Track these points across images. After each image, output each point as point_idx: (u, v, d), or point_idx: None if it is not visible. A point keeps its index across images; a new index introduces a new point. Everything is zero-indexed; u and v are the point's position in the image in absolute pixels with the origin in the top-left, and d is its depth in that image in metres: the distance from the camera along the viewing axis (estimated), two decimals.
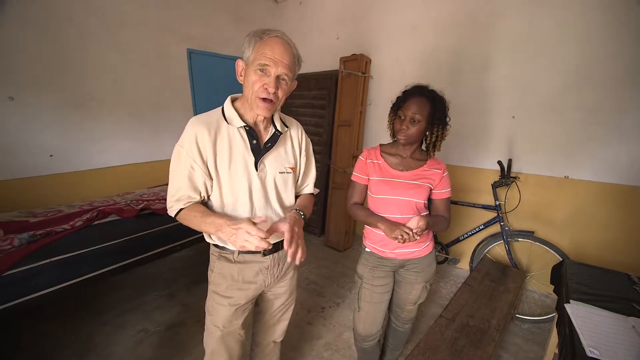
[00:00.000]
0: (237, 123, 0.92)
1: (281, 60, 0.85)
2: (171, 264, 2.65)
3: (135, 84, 2.69)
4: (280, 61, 0.85)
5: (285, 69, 0.86)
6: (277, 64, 0.85)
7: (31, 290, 1.37)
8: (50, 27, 2.17)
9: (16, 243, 1.44)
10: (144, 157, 2.84)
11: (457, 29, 2.52)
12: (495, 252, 2.37)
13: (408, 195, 1.22)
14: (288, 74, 0.88)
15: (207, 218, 0.87)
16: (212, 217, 0.87)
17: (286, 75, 0.88)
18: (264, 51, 0.84)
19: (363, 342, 1.43)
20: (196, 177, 0.90)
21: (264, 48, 0.84)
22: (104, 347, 1.75)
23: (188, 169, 0.88)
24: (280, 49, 0.85)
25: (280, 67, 0.85)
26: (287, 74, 0.88)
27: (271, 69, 0.85)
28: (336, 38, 3.33)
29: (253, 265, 1.03)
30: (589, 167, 2.09)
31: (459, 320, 1.42)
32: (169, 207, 0.94)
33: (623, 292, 1.24)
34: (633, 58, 1.86)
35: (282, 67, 0.86)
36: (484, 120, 2.48)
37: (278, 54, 0.85)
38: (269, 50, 0.84)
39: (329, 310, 2.17)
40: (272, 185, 0.99)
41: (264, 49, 0.84)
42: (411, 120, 1.17)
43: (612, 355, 0.88)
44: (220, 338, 1.02)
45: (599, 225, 2.10)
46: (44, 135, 2.24)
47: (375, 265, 1.32)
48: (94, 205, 2.05)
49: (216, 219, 0.86)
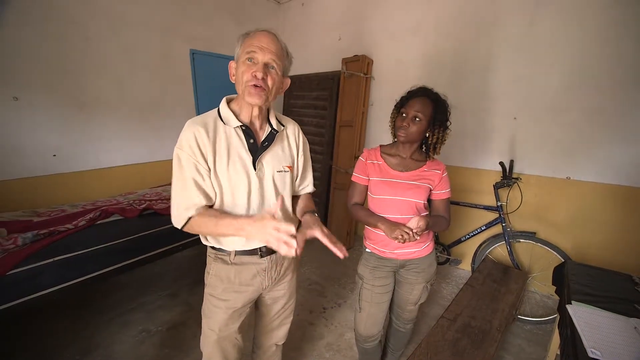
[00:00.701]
0: (233, 123, 0.92)
1: (267, 47, 0.86)
2: (173, 264, 2.66)
3: (138, 84, 2.71)
4: (267, 48, 0.86)
5: (272, 55, 0.87)
6: (264, 51, 0.86)
7: (34, 290, 1.38)
8: (54, 28, 2.19)
9: (20, 242, 1.46)
10: (146, 157, 2.86)
11: (459, 30, 2.52)
12: (497, 253, 2.37)
13: (408, 196, 1.22)
14: (276, 61, 0.88)
15: (223, 220, 0.85)
16: (228, 219, 0.85)
17: (275, 63, 0.88)
18: (250, 42, 0.86)
19: (364, 342, 1.44)
20: (204, 180, 0.88)
21: (250, 40, 0.87)
22: (106, 346, 1.75)
23: (193, 173, 0.87)
24: (267, 39, 0.87)
25: (267, 54, 0.86)
26: (275, 61, 0.88)
27: (258, 55, 0.86)
28: (338, 39, 3.34)
29: (250, 267, 1.01)
30: (591, 168, 2.09)
31: (460, 321, 1.42)
32: (176, 217, 0.89)
33: (625, 293, 1.23)
34: (634, 58, 1.86)
35: (269, 54, 0.86)
36: (486, 121, 2.47)
37: (264, 42, 0.86)
38: (256, 40, 0.86)
39: (331, 310, 2.17)
40: (270, 184, 0.99)
41: (250, 40, 0.87)
42: (413, 119, 1.18)
43: (614, 356, 0.88)
44: (216, 342, 1.02)
45: (600, 226, 2.10)
46: (48, 135, 2.26)
47: (376, 265, 1.33)
48: (96, 205, 2.07)
49: (233, 219, 0.84)
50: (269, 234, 0.75)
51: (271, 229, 0.74)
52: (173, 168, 0.90)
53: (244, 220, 0.82)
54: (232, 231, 0.84)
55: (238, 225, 0.82)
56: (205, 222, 0.87)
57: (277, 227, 0.74)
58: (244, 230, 0.81)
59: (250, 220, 0.81)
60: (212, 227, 0.87)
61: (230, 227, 0.83)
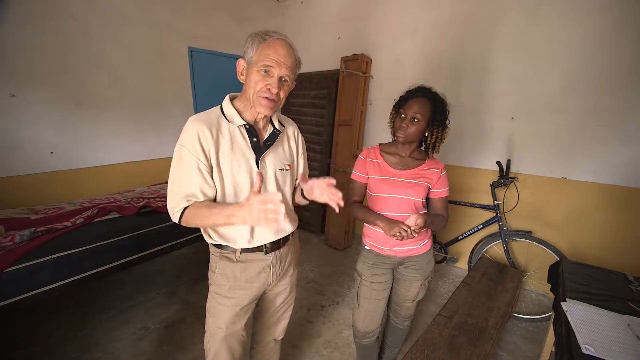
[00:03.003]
0: (237, 121, 0.93)
1: (284, 62, 0.87)
2: (172, 262, 2.66)
3: (136, 81, 2.69)
4: (284, 63, 0.87)
5: (287, 71, 0.89)
6: (281, 66, 0.87)
7: (32, 287, 1.38)
8: (52, 24, 2.17)
9: (17, 240, 1.45)
10: (144, 155, 2.85)
11: (457, 29, 2.53)
12: (494, 251, 2.39)
13: (406, 194, 1.23)
14: (290, 75, 0.90)
15: (214, 209, 0.85)
16: (218, 208, 0.85)
17: (288, 77, 0.90)
18: (267, 52, 0.86)
19: (362, 338, 1.45)
20: (203, 177, 0.89)
21: (267, 50, 0.86)
22: (106, 343, 1.76)
23: (193, 169, 0.87)
24: (284, 52, 0.87)
25: (283, 69, 0.88)
26: (289, 76, 0.90)
27: (274, 70, 0.87)
28: (337, 38, 3.34)
29: (255, 264, 1.03)
30: (587, 168, 2.11)
31: (457, 319, 1.43)
32: (172, 208, 0.90)
33: (619, 291, 1.25)
34: (633, 59, 1.88)
35: (285, 69, 0.88)
36: (484, 121, 2.49)
37: (282, 56, 0.87)
38: (273, 52, 0.86)
39: (329, 308, 2.19)
40: (272, 181, 1.01)
41: (267, 50, 0.86)
42: (411, 119, 1.19)
43: (607, 352, 0.90)
44: (223, 339, 1.03)
45: (596, 225, 2.12)
46: (45, 132, 2.24)
47: (375, 262, 1.34)
48: (94, 202, 2.06)
49: (223, 208, 0.83)
50: (257, 211, 0.73)
51: (257, 203, 0.73)
52: (172, 162, 0.90)
53: (234, 206, 0.81)
54: (224, 219, 0.82)
55: (229, 212, 0.81)
56: (198, 214, 0.87)
57: (263, 200, 0.73)
58: (234, 216, 0.79)
59: (238, 205, 0.80)
60: (206, 219, 0.86)
61: (221, 215, 0.82)
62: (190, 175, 0.88)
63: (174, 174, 0.90)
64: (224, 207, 0.84)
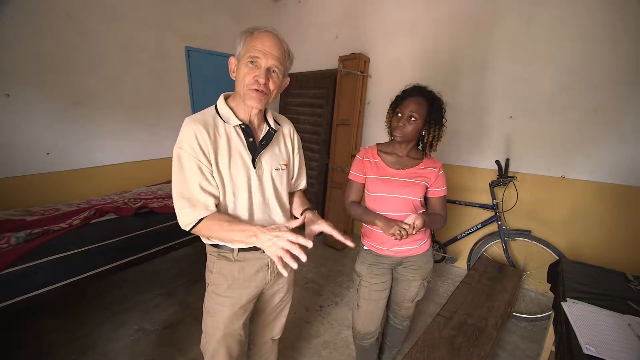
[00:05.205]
0: (233, 121, 0.92)
1: (271, 52, 0.86)
2: (169, 263, 2.64)
3: (133, 81, 2.68)
4: (270, 53, 0.86)
5: (275, 61, 0.87)
6: (267, 56, 0.86)
7: (29, 289, 1.37)
8: (48, 23, 2.15)
9: (13, 241, 1.44)
10: (141, 156, 2.83)
11: (455, 28, 2.52)
12: (493, 251, 2.38)
13: (404, 193, 1.23)
14: (278, 66, 0.89)
15: (236, 225, 0.85)
16: (241, 225, 0.86)
17: (276, 68, 0.89)
18: (254, 44, 0.86)
19: (362, 339, 1.44)
20: (207, 179, 0.88)
21: (254, 42, 0.86)
22: (103, 345, 1.74)
23: (195, 172, 0.86)
24: (270, 42, 0.87)
25: (270, 59, 0.87)
26: (277, 66, 0.89)
27: (261, 60, 0.86)
28: (335, 37, 3.33)
29: (253, 263, 1.03)
30: (586, 167, 2.10)
31: (456, 319, 1.42)
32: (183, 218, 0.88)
33: (619, 290, 1.25)
34: (631, 58, 1.87)
35: (272, 59, 0.87)
36: (482, 120, 2.49)
37: (268, 47, 0.86)
38: (259, 43, 0.86)
39: (328, 308, 2.18)
40: (269, 181, 1.00)
41: (254, 42, 0.86)
42: (408, 119, 1.19)
43: (608, 352, 0.89)
44: (222, 339, 1.02)
45: (595, 224, 2.12)
46: (41, 132, 2.22)
47: (373, 262, 1.33)
48: (91, 203, 2.05)
49: (245, 226, 0.85)
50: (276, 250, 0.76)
51: (283, 243, 0.76)
52: (173, 167, 0.89)
53: (257, 228, 0.82)
54: (244, 237, 0.83)
55: (251, 232, 0.82)
56: (215, 226, 0.87)
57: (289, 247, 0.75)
58: (256, 238, 0.81)
59: (261, 229, 0.81)
60: (223, 233, 0.87)
61: (243, 233, 0.84)
62: (192, 178, 0.87)
63: (177, 178, 0.88)
64: (246, 225, 0.85)
